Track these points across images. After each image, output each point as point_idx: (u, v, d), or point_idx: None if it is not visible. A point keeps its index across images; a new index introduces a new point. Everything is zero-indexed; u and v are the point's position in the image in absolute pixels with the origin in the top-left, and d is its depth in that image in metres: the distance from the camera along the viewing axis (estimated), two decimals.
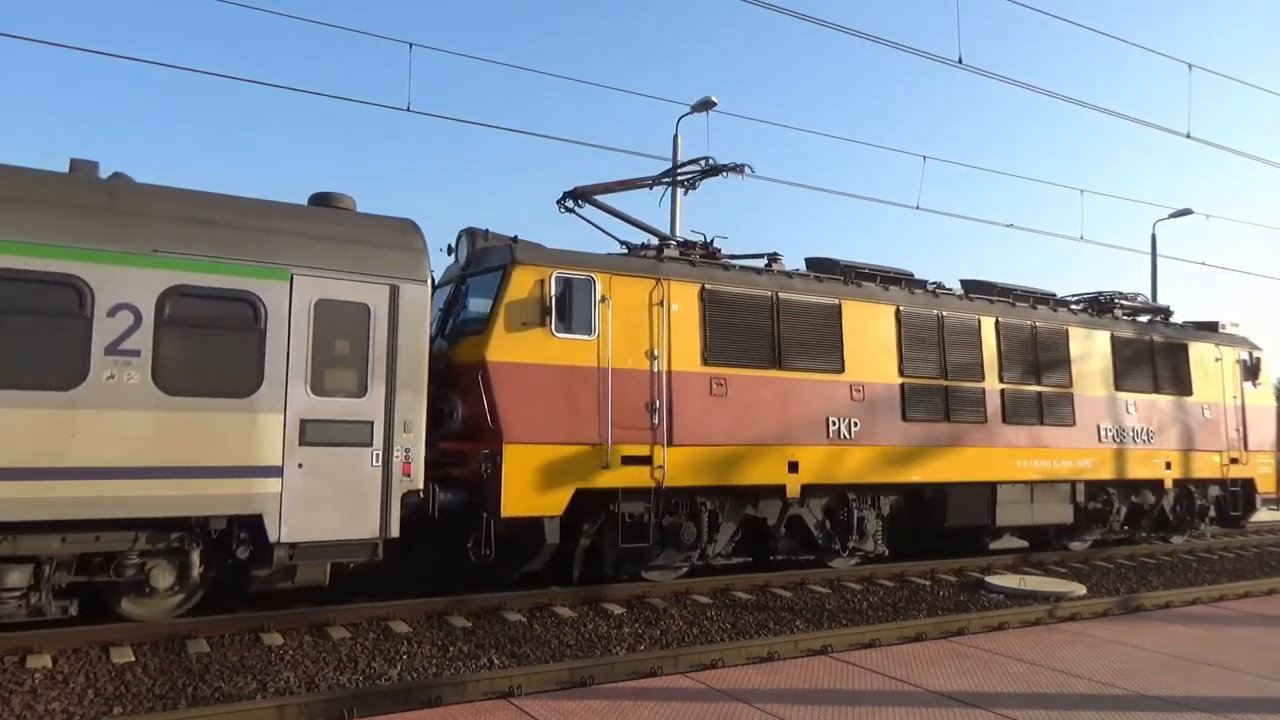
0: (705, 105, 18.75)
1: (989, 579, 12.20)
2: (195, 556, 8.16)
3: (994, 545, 14.72)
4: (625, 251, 11.53)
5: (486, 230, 10.86)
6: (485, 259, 10.48)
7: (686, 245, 11.85)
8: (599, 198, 11.88)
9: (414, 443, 8.96)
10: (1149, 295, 27.80)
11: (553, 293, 9.93)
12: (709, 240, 12.00)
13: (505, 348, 9.67)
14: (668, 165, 20.06)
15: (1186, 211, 27.40)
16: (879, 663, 6.71)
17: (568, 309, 9.97)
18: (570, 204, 11.82)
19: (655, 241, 11.81)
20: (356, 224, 9.11)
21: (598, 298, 10.22)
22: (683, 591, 10.63)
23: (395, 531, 8.84)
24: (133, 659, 7.32)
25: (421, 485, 9.04)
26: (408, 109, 12.47)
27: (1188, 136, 15.94)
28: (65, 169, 8.18)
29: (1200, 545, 16.19)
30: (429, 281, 9.23)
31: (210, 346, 8.05)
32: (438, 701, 6.69)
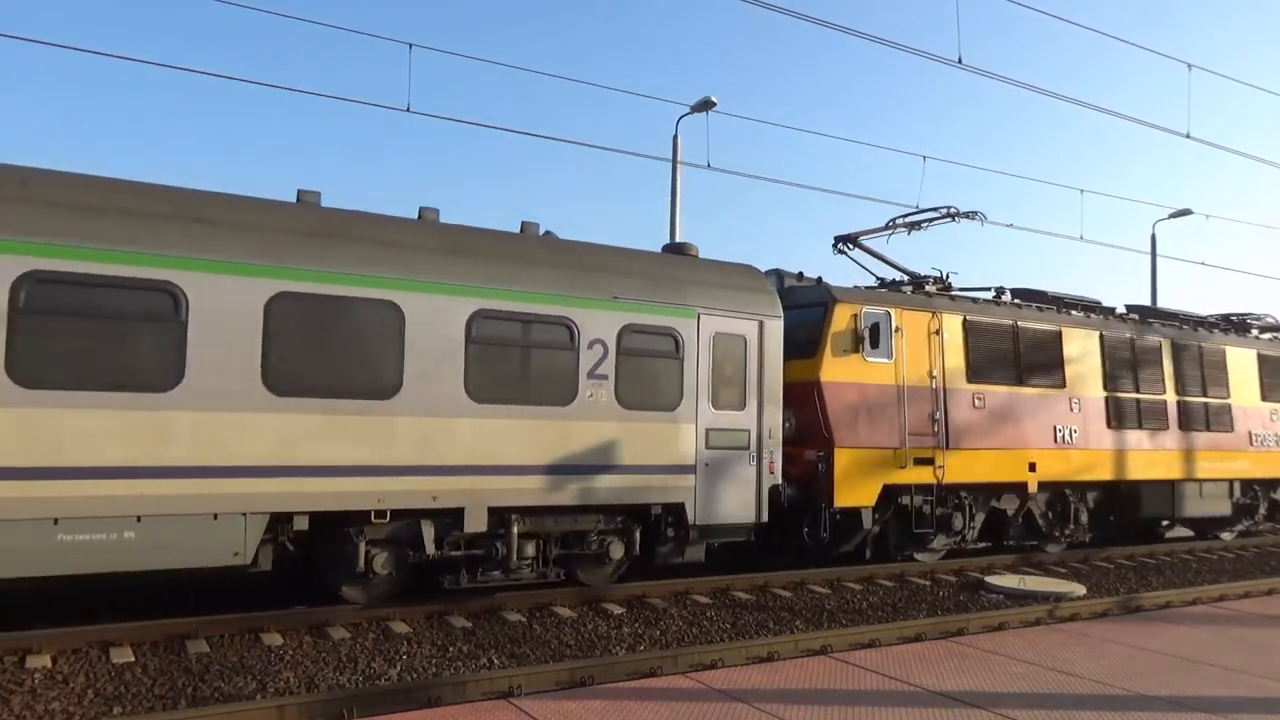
0: (705, 105, 18.75)
1: (989, 579, 12.20)
2: (637, 535, 10.32)
3: (1168, 534, 17.22)
4: (873, 286, 13.75)
5: (800, 272, 13.22)
6: (799, 296, 12.58)
7: (932, 281, 13.93)
8: (864, 240, 14.00)
9: (776, 447, 11.17)
10: (1150, 295, 27.86)
11: (864, 325, 12.16)
12: (945, 275, 14.02)
13: (833, 370, 11.93)
14: (671, 164, 20.09)
15: (1186, 211, 27.40)
16: (879, 663, 6.71)
17: (875, 338, 12.16)
18: (842, 246, 14.00)
19: (904, 277, 13.95)
20: (731, 271, 11.42)
21: (893, 328, 12.48)
22: (682, 591, 10.63)
23: (765, 518, 11.07)
24: (132, 659, 7.31)
25: (780, 481, 11.19)
26: (408, 109, 12.46)
27: (1188, 136, 15.93)
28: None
29: (1200, 545, 16.22)
30: (782, 317, 11.42)
31: (648, 371, 10.26)
32: (438, 701, 6.69)
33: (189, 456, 7.80)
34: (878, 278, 14.15)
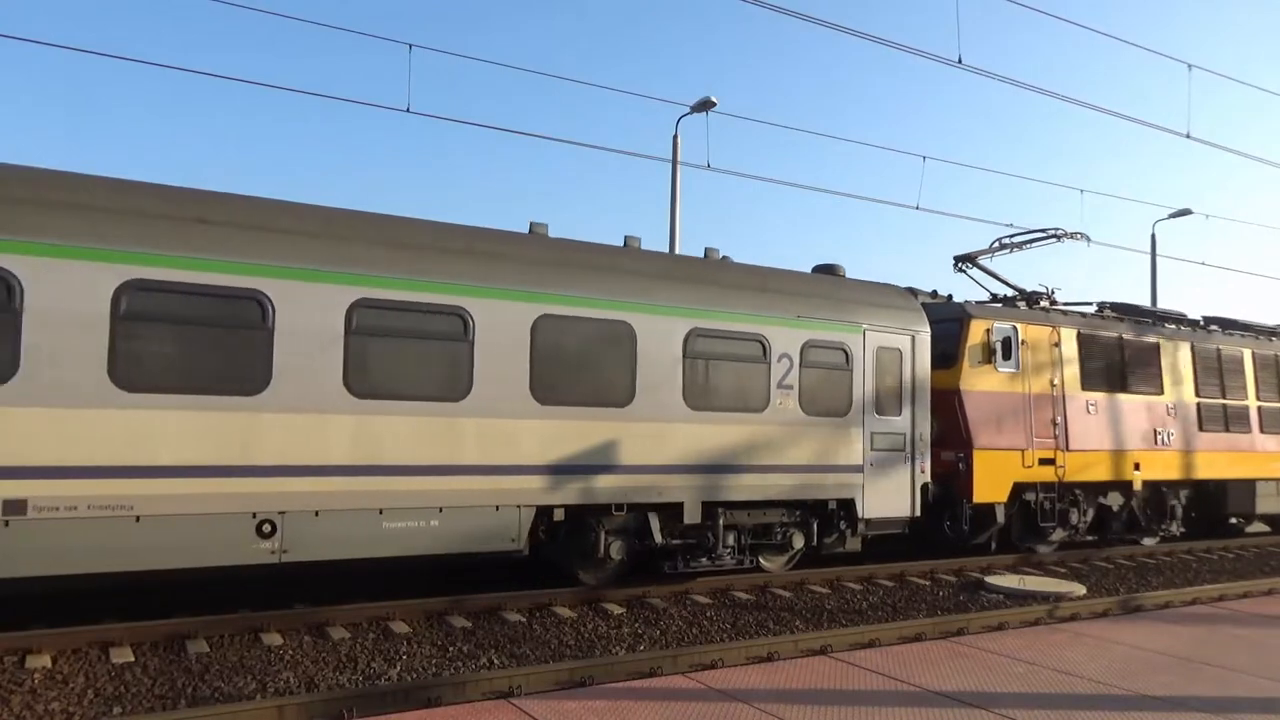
0: (705, 105, 18.74)
1: (989, 579, 12.20)
2: (815, 526, 11.69)
3: (1248, 529, 18.85)
4: (985, 300, 15.14)
5: (934, 290, 14.97)
6: (935, 312, 13.72)
7: (1037, 295, 15.20)
8: (982, 261, 15.50)
9: (925, 448, 12.56)
10: (1150, 296, 27.87)
11: (996, 339, 13.52)
12: (1050, 291, 15.35)
13: (970, 379, 13.33)
14: (667, 163, 20.09)
15: (1186, 211, 27.42)
16: (879, 663, 6.71)
17: (1006, 350, 13.64)
18: (961, 265, 15.48)
19: (1010, 293, 15.31)
20: (887, 291, 12.82)
21: (1019, 341, 13.84)
22: (682, 592, 10.63)
23: (919, 512, 12.47)
24: (132, 659, 7.31)
25: (930, 479, 12.53)
26: (408, 110, 12.44)
27: (1187, 136, 15.92)
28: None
29: (1200, 545, 16.23)
30: (929, 331, 12.76)
31: (824, 381, 11.62)
32: (438, 701, 6.69)
33: (478, 457, 9.23)
34: (991, 293, 15.53)
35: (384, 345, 8.76)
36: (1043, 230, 15.12)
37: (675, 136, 20.06)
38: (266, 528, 8.17)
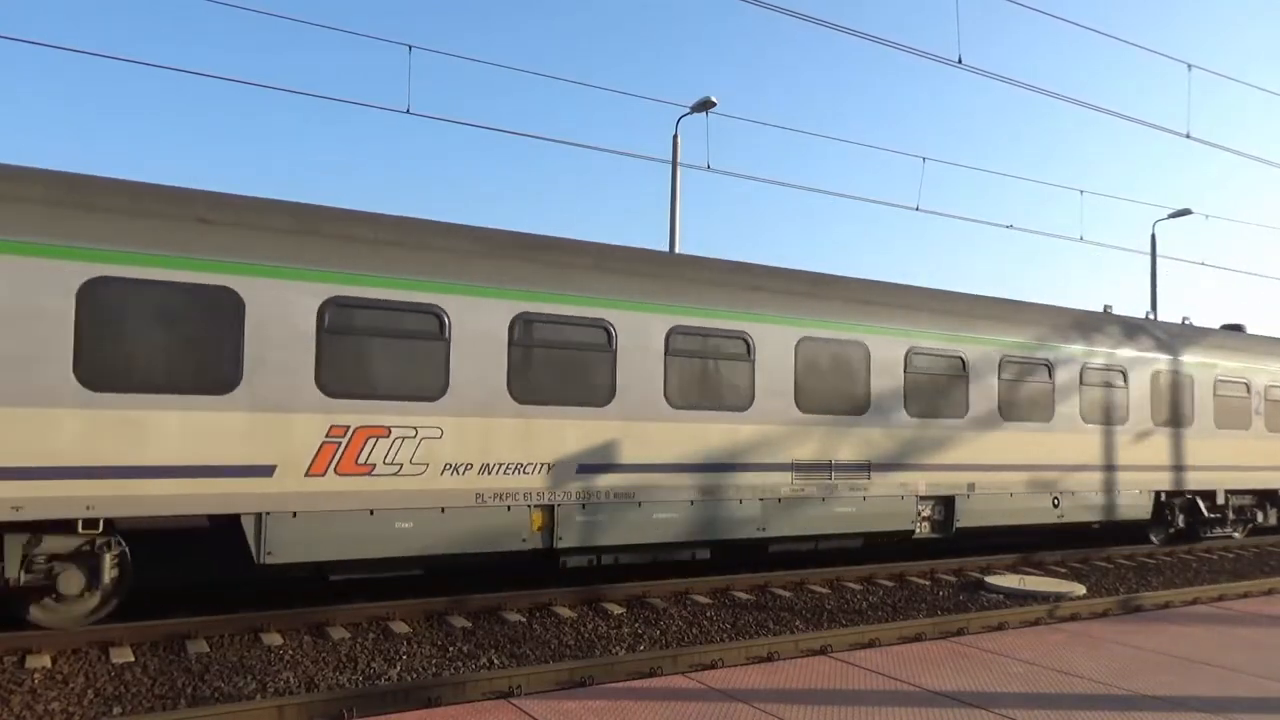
0: (705, 105, 18.72)
1: (989, 579, 12.19)
2: (1268, 507, 17.05)
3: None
4: None
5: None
6: None
7: None
8: None
9: None
10: (1150, 296, 27.91)
11: None
12: None
13: None
14: (668, 165, 20.07)
15: (1186, 211, 27.44)
16: (879, 663, 6.71)
17: None
18: None
19: None
20: (1269, 341, 17.96)
21: None
22: (682, 591, 10.63)
23: None
24: (132, 659, 7.32)
25: None
26: (408, 110, 12.43)
27: (1188, 136, 15.92)
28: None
29: (1200, 545, 16.24)
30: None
31: (1272, 408, 17.23)
32: (437, 701, 6.69)
33: (1132, 459, 14.68)
34: None
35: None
36: None
37: (675, 137, 20.07)
38: (936, 509, 12.68)
